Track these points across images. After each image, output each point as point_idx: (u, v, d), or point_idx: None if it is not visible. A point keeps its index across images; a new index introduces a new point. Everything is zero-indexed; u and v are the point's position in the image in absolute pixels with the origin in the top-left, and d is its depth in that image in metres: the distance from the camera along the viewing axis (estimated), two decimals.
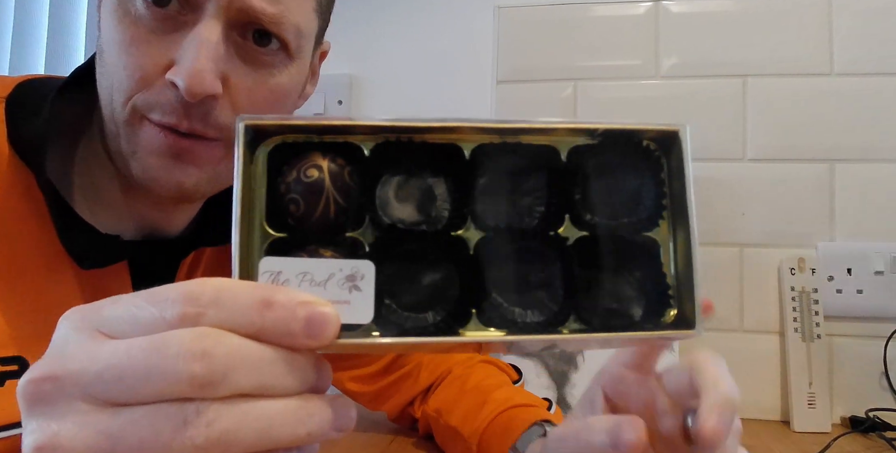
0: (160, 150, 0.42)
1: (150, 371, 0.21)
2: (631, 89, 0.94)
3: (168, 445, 0.20)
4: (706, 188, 0.90)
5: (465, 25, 1.01)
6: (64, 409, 0.22)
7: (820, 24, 0.89)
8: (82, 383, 0.22)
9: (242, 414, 0.21)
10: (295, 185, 0.25)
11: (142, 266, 0.49)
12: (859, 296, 0.85)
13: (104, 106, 0.43)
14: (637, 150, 0.28)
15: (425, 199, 0.26)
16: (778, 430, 0.81)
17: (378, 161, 0.26)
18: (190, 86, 0.39)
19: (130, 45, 0.40)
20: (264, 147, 0.25)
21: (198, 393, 0.21)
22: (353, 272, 0.24)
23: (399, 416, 0.69)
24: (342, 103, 1.03)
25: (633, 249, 0.27)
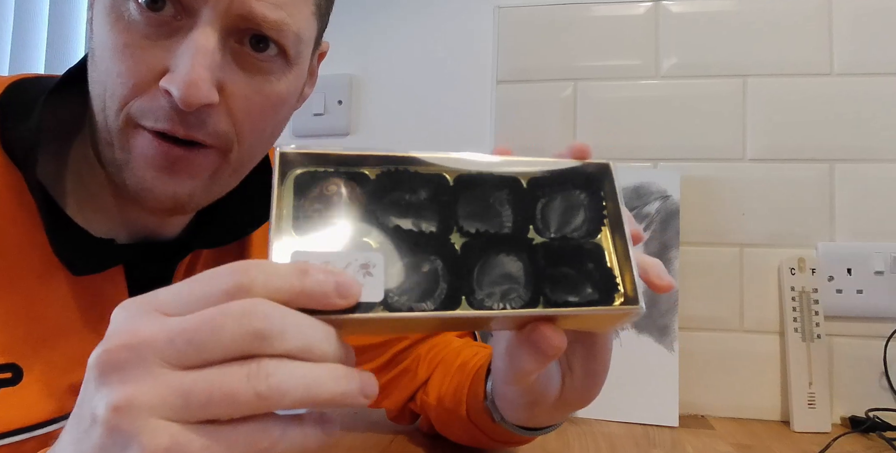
0: (154, 160, 0.41)
1: (218, 330, 0.24)
2: (631, 89, 0.94)
3: (234, 395, 0.24)
4: (706, 188, 0.90)
5: (465, 25, 1.01)
6: (139, 373, 0.25)
7: (820, 24, 0.89)
8: (156, 349, 0.25)
9: (293, 370, 0.25)
10: (318, 199, 0.32)
11: (137, 270, 0.48)
12: (859, 296, 0.85)
13: (97, 112, 0.42)
14: (580, 178, 0.37)
15: (418, 214, 0.33)
16: (778, 430, 0.81)
17: (382, 186, 0.33)
18: (185, 96, 0.38)
19: (124, 50, 0.39)
20: (293, 172, 0.32)
21: (257, 348, 0.25)
22: (366, 261, 0.30)
23: (399, 414, 0.69)
24: (342, 103, 1.03)
25: (583, 252, 0.35)
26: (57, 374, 0.42)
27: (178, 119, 0.40)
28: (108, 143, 0.42)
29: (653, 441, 0.74)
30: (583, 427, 0.79)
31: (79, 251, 0.43)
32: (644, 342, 0.84)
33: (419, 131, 1.01)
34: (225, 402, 0.24)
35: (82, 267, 0.43)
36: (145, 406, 0.24)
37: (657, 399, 0.82)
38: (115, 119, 0.41)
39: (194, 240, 0.52)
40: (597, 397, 0.43)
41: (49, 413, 0.42)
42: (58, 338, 0.43)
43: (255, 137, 0.45)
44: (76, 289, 0.44)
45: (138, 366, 0.25)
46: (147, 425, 0.24)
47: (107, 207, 0.47)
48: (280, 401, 0.25)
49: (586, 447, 0.70)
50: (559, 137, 0.95)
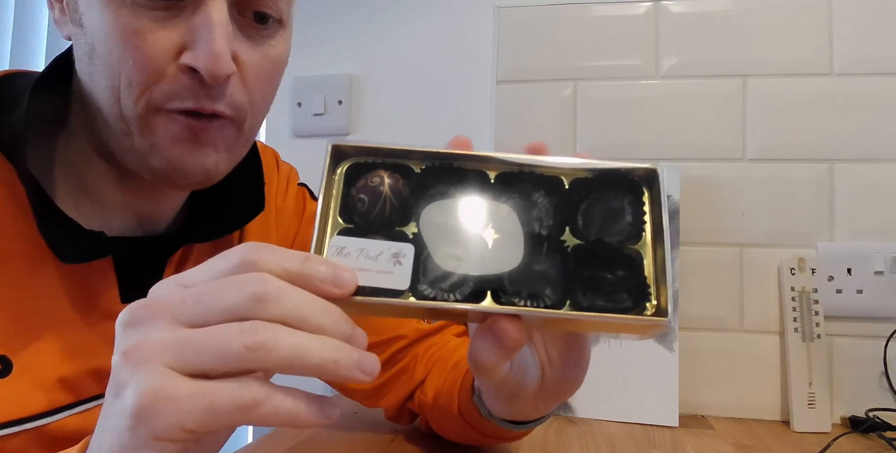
0: (180, 136, 0.42)
1: (220, 291, 0.27)
2: (631, 89, 0.94)
3: (224, 346, 0.26)
4: (706, 188, 0.90)
5: (465, 25, 1.01)
6: (150, 327, 0.28)
7: (820, 24, 0.89)
8: (169, 308, 0.28)
9: (284, 331, 0.27)
10: (363, 188, 0.34)
11: (128, 263, 0.48)
12: (859, 296, 0.85)
13: (106, 105, 0.42)
14: (625, 183, 0.36)
15: (456, 209, 0.34)
16: (778, 430, 0.81)
17: (424, 179, 0.35)
18: (212, 69, 0.39)
19: (135, 36, 0.39)
20: (344, 163, 0.35)
21: (254, 310, 0.27)
22: (398, 251, 0.32)
23: (398, 414, 0.69)
24: (342, 103, 1.03)
25: (620, 257, 0.34)
26: (46, 366, 0.42)
27: (204, 94, 0.41)
28: (126, 133, 0.42)
29: (653, 441, 0.74)
30: (583, 427, 0.79)
31: (68, 241, 0.43)
32: (644, 342, 0.84)
33: (419, 131, 1.01)
34: (216, 352, 0.26)
35: (72, 255, 0.43)
36: (148, 352, 0.27)
37: (657, 399, 0.82)
38: (133, 107, 0.41)
39: (185, 234, 0.52)
40: (580, 387, 0.43)
41: (40, 406, 0.42)
42: (47, 331, 0.43)
43: (264, 103, 0.47)
44: (66, 281, 0.44)
45: (151, 321, 0.28)
46: (146, 367, 0.26)
47: (102, 198, 0.47)
48: (267, 356, 0.26)
49: (586, 447, 0.70)
50: (559, 137, 0.95)
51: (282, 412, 0.27)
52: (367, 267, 0.32)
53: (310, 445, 0.67)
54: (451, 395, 0.59)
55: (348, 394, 0.69)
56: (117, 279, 0.47)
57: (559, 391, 0.43)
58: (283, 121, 1.06)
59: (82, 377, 0.44)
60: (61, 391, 0.43)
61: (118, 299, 0.47)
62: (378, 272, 0.32)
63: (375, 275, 0.32)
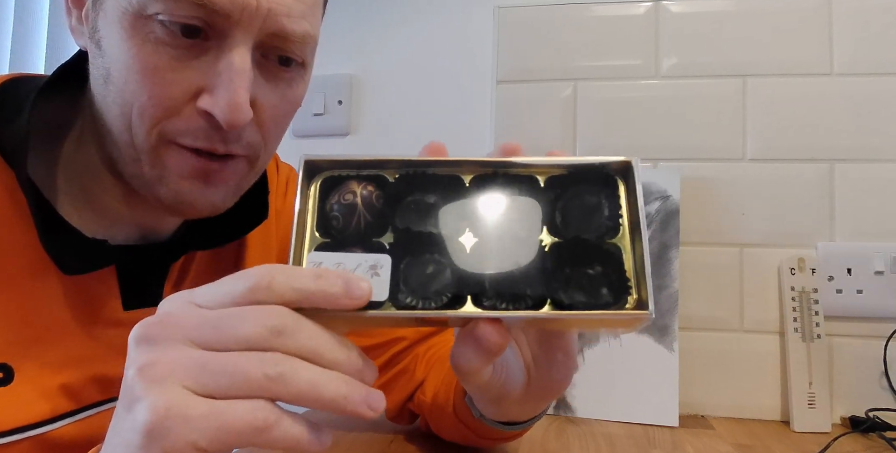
0: (191, 173, 0.42)
1: (240, 320, 0.28)
2: (631, 89, 0.94)
3: (245, 372, 0.27)
4: (706, 188, 0.90)
5: (465, 25, 1.01)
6: (166, 345, 0.28)
7: (820, 24, 0.89)
8: (185, 329, 0.28)
9: (302, 365, 0.28)
10: (337, 202, 0.34)
11: (130, 271, 0.48)
12: (859, 296, 0.85)
13: (117, 132, 0.42)
14: (600, 178, 0.36)
15: (432, 216, 0.34)
16: (778, 430, 0.81)
17: (399, 188, 0.35)
18: (231, 119, 0.39)
19: (154, 73, 0.39)
20: (318, 178, 0.35)
21: (273, 342, 0.27)
22: (375, 263, 0.32)
23: (398, 414, 0.69)
24: (342, 103, 1.03)
25: (598, 252, 0.34)
26: (48, 374, 0.42)
27: (218, 137, 0.41)
28: (135, 160, 0.42)
29: (653, 441, 0.74)
30: (583, 427, 0.79)
31: (70, 250, 0.43)
32: (644, 342, 0.84)
33: (419, 131, 1.01)
34: (236, 377, 0.27)
35: (73, 266, 0.43)
36: (164, 369, 0.27)
37: (657, 399, 0.82)
38: (145, 138, 0.41)
39: (188, 242, 0.52)
40: (567, 386, 0.43)
41: (42, 414, 0.42)
42: (49, 339, 0.43)
43: (277, 141, 0.48)
44: (68, 289, 0.44)
45: (167, 340, 0.28)
46: (161, 385, 0.27)
47: (104, 208, 0.47)
48: (285, 388, 0.27)
49: (586, 447, 0.70)
50: (559, 137, 0.95)
51: (289, 437, 0.28)
52: None
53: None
54: (447, 395, 0.59)
55: None
56: (119, 286, 0.47)
57: (546, 392, 0.43)
58: None
59: (84, 384, 0.44)
60: (63, 398, 0.43)
61: (120, 307, 0.47)
62: None
63: None
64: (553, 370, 0.41)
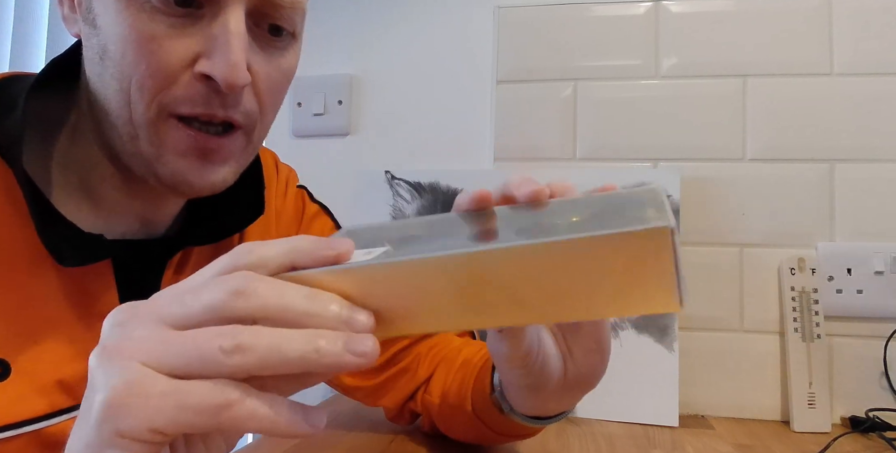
0: (189, 150, 0.42)
1: (202, 289, 0.27)
2: (631, 89, 0.94)
3: (201, 348, 0.26)
4: (706, 188, 0.90)
5: (465, 25, 1.01)
6: (133, 326, 0.28)
7: (820, 24, 0.89)
8: (154, 310, 0.28)
9: (259, 330, 0.26)
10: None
11: (126, 266, 0.48)
12: (859, 296, 0.85)
13: (115, 109, 0.42)
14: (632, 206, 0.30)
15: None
16: (778, 430, 0.81)
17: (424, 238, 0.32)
18: (230, 79, 0.39)
19: (151, 42, 0.39)
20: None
21: (233, 304, 0.26)
22: (370, 248, 0.30)
23: (398, 414, 0.69)
24: (342, 103, 1.03)
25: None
26: (45, 370, 0.42)
27: (217, 102, 0.41)
28: (133, 137, 0.42)
29: (653, 441, 0.74)
30: (583, 427, 0.79)
31: (67, 244, 0.43)
32: (644, 342, 0.84)
33: (419, 131, 1.01)
34: (193, 354, 0.26)
35: (70, 258, 0.43)
36: (127, 349, 0.27)
37: (657, 399, 0.82)
38: (144, 112, 0.41)
39: (185, 237, 0.52)
40: (603, 376, 0.44)
41: (39, 409, 0.42)
42: (45, 334, 0.43)
43: (273, 113, 0.48)
44: (64, 284, 0.44)
45: (136, 321, 0.28)
46: (122, 363, 0.26)
47: (102, 201, 0.47)
48: (244, 358, 0.25)
49: (586, 447, 0.70)
50: (559, 137, 0.95)
51: (258, 416, 0.26)
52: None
53: (310, 445, 0.67)
54: (462, 394, 0.58)
55: (349, 393, 0.69)
56: (116, 282, 0.47)
57: (582, 381, 0.44)
58: (283, 121, 1.06)
59: (81, 380, 0.44)
60: (60, 394, 0.43)
61: (117, 302, 0.47)
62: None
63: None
64: (588, 359, 0.42)
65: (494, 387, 0.53)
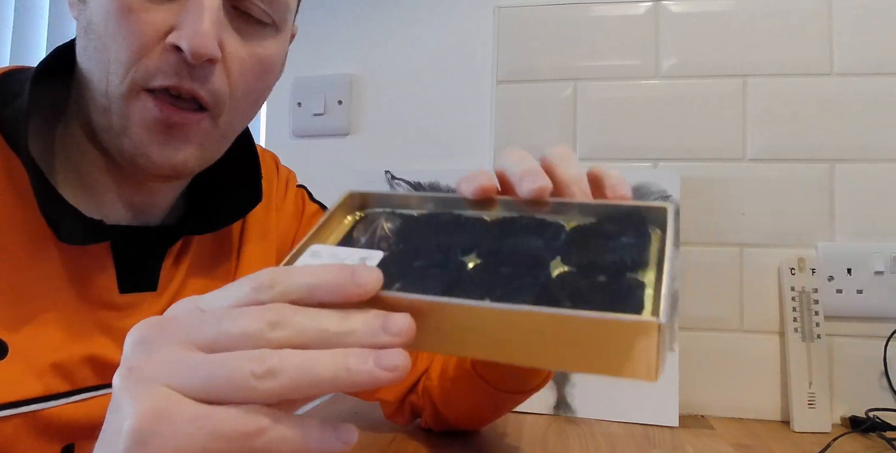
0: (153, 124, 0.43)
1: (239, 316, 0.27)
2: (631, 89, 0.94)
3: (231, 374, 0.26)
4: (706, 188, 0.90)
5: (465, 25, 1.01)
6: (160, 346, 0.27)
7: (820, 24, 0.89)
8: (183, 330, 0.27)
9: (290, 353, 0.26)
10: (361, 231, 0.37)
11: (126, 252, 0.48)
12: (859, 296, 0.85)
13: (96, 81, 0.43)
14: (630, 227, 0.33)
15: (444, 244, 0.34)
16: (778, 430, 0.81)
17: (424, 222, 0.36)
18: (195, 47, 0.40)
19: (129, 14, 0.41)
20: (358, 212, 0.38)
21: (268, 334, 0.26)
22: (366, 255, 0.32)
23: (398, 409, 0.69)
24: (342, 103, 1.03)
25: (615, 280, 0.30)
26: (41, 352, 0.43)
27: (186, 73, 0.42)
28: (106, 110, 0.43)
29: (653, 441, 0.74)
30: (583, 427, 0.79)
31: (69, 224, 0.44)
32: None
33: (419, 131, 1.01)
34: (223, 377, 0.26)
35: (72, 235, 0.44)
36: (153, 370, 0.26)
37: (657, 399, 0.82)
38: (118, 84, 0.42)
39: (184, 226, 0.53)
40: None
41: (35, 391, 0.42)
42: (44, 316, 0.43)
43: (245, 101, 0.47)
44: (65, 267, 0.45)
45: (163, 340, 0.27)
46: (148, 386, 0.26)
47: (97, 186, 0.48)
48: (277, 382, 0.25)
49: (586, 447, 0.70)
50: (559, 137, 0.95)
51: (289, 440, 0.26)
52: None
53: None
54: (462, 360, 0.59)
55: None
56: (116, 269, 0.48)
57: None
58: (283, 121, 1.06)
59: (77, 364, 0.45)
60: (56, 377, 0.43)
61: (116, 288, 0.48)
62: None
63: None
64: None
65: None
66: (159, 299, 0.50)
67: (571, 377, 0.85)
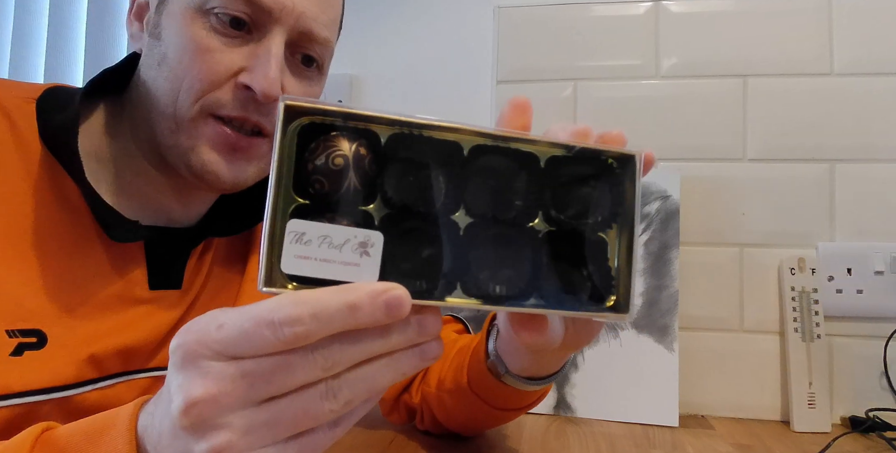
0: (220, 145, 0.49)
1: (291, 373, 0.28)
2: (631, 89, 0.94)
3: (316, 414, 0.29)
4: (706, 188, 0.90)
5: (465, 25, 1.01)
6: (226, 422, 0.28)
7: (820, 24, 0.89)
8: (235, 395, 0.28)
9: (353, 380, 0.29)
10: (322, 167, 0.30)
11: (156, 252, 0.53)
12: (859, 296, 0.85)
13: (165, 105, 0.48)
14: (601, 166, 0.35)
15: (427, 186, 0.31)
16: (778, 430, 0.81)
17: (391, 149, 0.31)
18: (265, 90, 0.47)
19: (206, 52, 0.47)
20: (296, 124, 0.30)
21: (326, 375, 0.28)
22: (365, 239, 0.29)
23: (393, 407, 0.69)
24: (342, 103, 1.03)
25: (588, 245, 0.34)
26: (78, 344, 0.46)
27: (252, 108, 0.49)
28: (173, 131, 0.49)
29: (653, 441, 0.74)
30: (583, 427, 0.79)
31: (113, 222, 0.49)
32: (644, 342, 0.84)
33: None
34: (309, 421, 0.29)
35: (117, 233, 0.48)
36: (244, 445, 0.28)
37: (657, 399, 0.82)
38: (187, 109, 0.48)
39: (208, 228, 0.57)
40: (596, 336, 0.49)
41: (68, 378, 0.45)
42: (80, 310, 0.47)
43: None
44: (102, 265, 0.49)
45: (223, 419, 0.28)
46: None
47: (135, 196, 0.52)
48: (347, 407, 0.29)
49: (586, 447, 0.70)
50: None
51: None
52: (331, 257, 0.29)
53: None
54: (458, 375, 0.60)
55: None
56: (147, 265, 0.52)
57: (577, 342, 0.47)
58: None
59: (109, 355, 0.48)
60: (89, 366, 0.47)
61: (147, 285, 0.52)
62: (343, 264, 0.29)
63: (340, 268, 0.29)
64: (588, 325, 0.46)
65: (489, 354, 0.55)
66: (184, 296, 0.54)
67: (571, 377, 0.85)
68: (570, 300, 0.33)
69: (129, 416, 0.32)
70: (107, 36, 1.11)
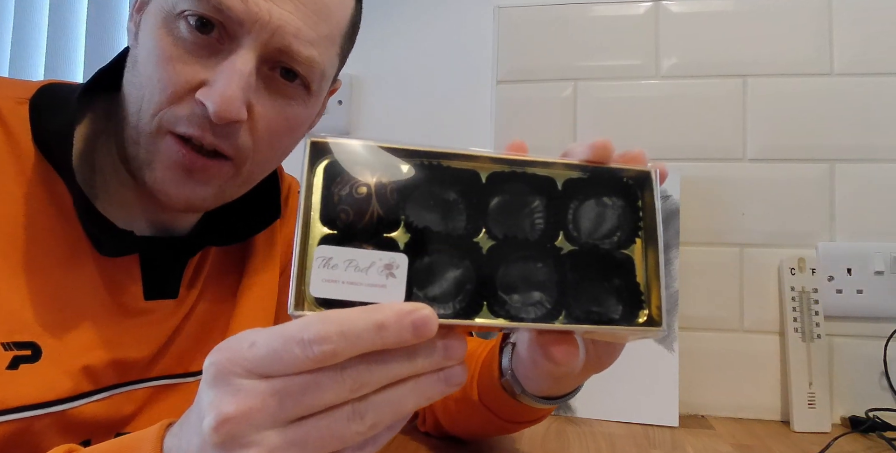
0: (175, 164, 0.45)
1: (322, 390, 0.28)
2: (631, 89, 0.94)
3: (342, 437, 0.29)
4: (706, 188, 0.90)
5: (465, 25, 1.01)
6: (254, 441, 0.28)
7: (820, 24, 0.89)
8: (267, 415, 0.28)
9: (379, 400, 0.29)
10: (347, 198, 0.32)
11: (152, 262, 0.51)
12: (859, 296, 0.85)
13: (131, 114, 0.45)
14: (618, 185, 0.36)
15: (448, 212, 0.33)
16: (778, 430, 0.81)
17: (413, 178, 0.33)
18: (219, 110, 0.42)
19: (168, 62, 0.43)
20: (322, 160, 0.32)
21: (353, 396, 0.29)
22: (390, 261, 0.31)
23: None
24: (342, 103, 1.03)
25: (613, 263, 0.35)
26: (73, 356, 0.45)
27: (208, 128, 0.44)
28: (135, 142, 0.46)
29: (653, 441, 0.74)
30: (583, 427, 0.79)
31: (105, 235, 0.46)
32: (644, 342, 0.84)
33: (419, 131, 1.01)
34: (336, 443, 0.29)
35: (109, 248, 0.46)
36: (239, 417, 0.28)
37: (657, 399, 0.82)
38: (147, 122, 0.44)
39: (205, 239, 0.55)
40: (616, 360, 0.47)
41: (65, 391, 0.44)
42: (76, 322, 0.45)
43: (269, 154, 0.49)
44: (96, 276, 0.47)
45: (253, 437, 0.28)
46: None
47: (122, 203, 0.50)
48: (374, 429, 0.29)
49: (586, 447, 0.70)
50: (559, 137, 0.95)
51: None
52: (358, 280, 0.30)
53: None
54: (467, 386, 0.59)
55: None
56: (142, 277, 0.50)
57: (598, 365, 0.47)
58: None
59: (104, 367, 0.47)
60: (84, 379, 0.46)
61: (142, 295, 0.50)
62: (370, 286, 0.30)
63: (367, 290, 0.30)
64: (610, 345, 0.45)
65: (504, 372, 0.54)
66: (179, 306, 0.53)
67: None
68: (600, 317, 0.34)
69: (154, 438, 0.32)
70: (107, 36, 1.11)
